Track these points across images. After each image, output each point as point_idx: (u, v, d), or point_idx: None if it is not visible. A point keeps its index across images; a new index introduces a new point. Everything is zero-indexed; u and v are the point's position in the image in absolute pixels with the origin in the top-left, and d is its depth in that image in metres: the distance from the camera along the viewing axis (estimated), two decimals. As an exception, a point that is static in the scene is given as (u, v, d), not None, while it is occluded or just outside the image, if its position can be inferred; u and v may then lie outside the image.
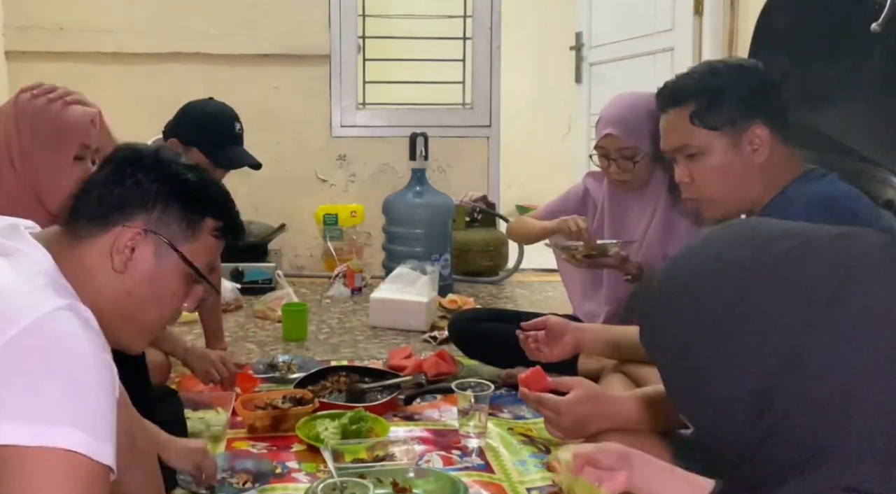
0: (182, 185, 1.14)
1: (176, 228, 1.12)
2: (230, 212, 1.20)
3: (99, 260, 1.09)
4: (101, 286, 1.08)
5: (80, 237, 1.10)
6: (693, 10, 3.86)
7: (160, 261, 1.11)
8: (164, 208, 1.12)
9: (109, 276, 1.09)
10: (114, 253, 1.09)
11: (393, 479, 1.69)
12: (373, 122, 4.38)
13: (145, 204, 1.11)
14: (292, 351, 2.84)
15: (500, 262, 4.26)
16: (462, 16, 4.45)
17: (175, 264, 1.13)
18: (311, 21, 4.21)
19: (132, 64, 4.04)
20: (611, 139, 2.23)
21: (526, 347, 1.95)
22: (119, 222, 1.10)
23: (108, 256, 1.09)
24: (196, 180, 1.16)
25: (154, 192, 1.12)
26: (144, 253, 1.10)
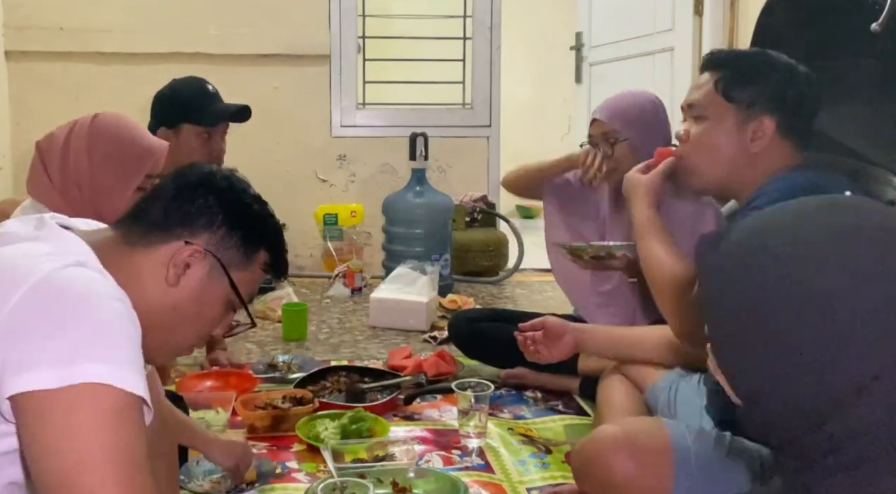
0: (248, 214, 1.16)
1: (233, 254, 1.14)
2: (281, 249, 1.22)
3: (153, 270, 1.09)
4: (149, 295, 1.08)
5: (135, 243, 1.10)
6: (693, 10, 3.86)
7: (210, 283, 1.12)
8: (227, 233, 1.13)
9: (160, 287, 1.09)
10: (170, 266, 1.09)
11: (393, 479, 1.69)
12: (373, 122, 4.38)
13: (211, 225, 1.12)
14: (292, 351, 2.84)
15: (500, 262, 4.26)
16: (462, 16, 4.45)
17: (223, 289, 1.14)
18: (311, 21, 4.21)
19: (132, 64, 4.04)
20: (597, 124, 2.27)
21: (524, 349, 1.94)
22: (182, 237, 1.11)
23: (164, 267, 1.09)
24: (260, 212, 1.18)
25: (221, 216, 1.13)
26: (198, 272, 1.11)
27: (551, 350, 1.90)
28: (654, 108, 2.30)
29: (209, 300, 1.13)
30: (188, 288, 1.11)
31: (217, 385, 2.36)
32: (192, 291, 1.11)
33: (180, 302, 1.11)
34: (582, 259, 2.24)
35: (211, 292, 1.13)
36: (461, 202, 4.20)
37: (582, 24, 4.71)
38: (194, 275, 1.11)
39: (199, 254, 1.11)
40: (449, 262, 3.84)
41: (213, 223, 1.12)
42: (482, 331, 2.48)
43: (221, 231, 1.13)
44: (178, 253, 1.09)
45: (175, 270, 1.09)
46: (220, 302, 1.15)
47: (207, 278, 1.12)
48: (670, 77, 4.02)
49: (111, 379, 0.88)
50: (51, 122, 2.33)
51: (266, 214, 1.20)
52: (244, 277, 1.16)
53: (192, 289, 1.11)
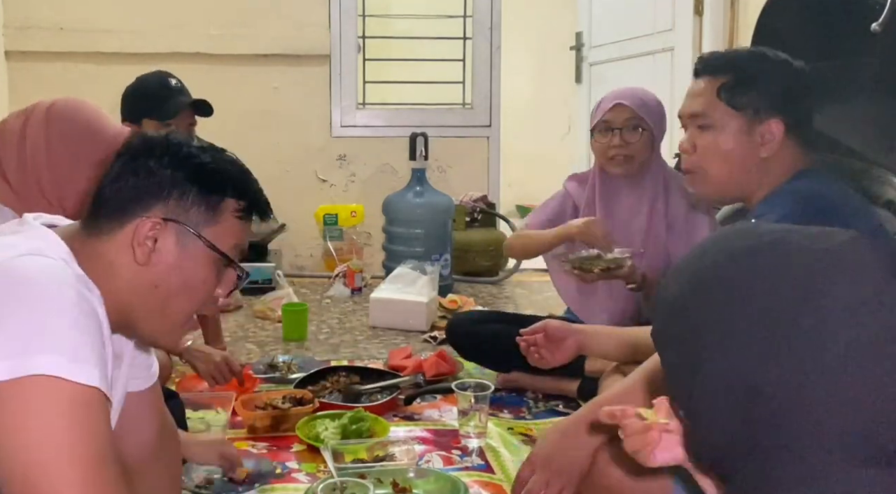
0: (196, 168, 1.09)
1: (196, 213, 1.08)
2: (251, 190, 1.14)
3: (120, 255, 1.05)
4: (126, 280, 1.05)
5: (99, 233, 1.06)
6: (693, 10, 3.85)
7: (184, 249, 1.07)
8: (181, 194, 1.07)
9: (133, 270, 1.05)
10: (135, 246, 1.05)
11: (393, 479, 1.69)
12: (373, 122, 4.38)
13: (161, 192, 1.06)
14: (292, 351, 2.84)
15: (500, 262, 4.26)
16: (462, 16, 4.45)
17: (200, 250, 1.08)
18: (311, 21, 4.21)
19: (132, 64, 4.01)
20: (619, 110, 2.26)
21: (527, 354, 1.91)
22: (137, 214, 1.05)
23: (130, 249, 1.05)
24: (210, 160, 1.10)
25: (169, 179, 1.07)
26: (167, 243, 1.06)
27: (554, 353, 1.86)
28: (663, 107, 2.36)
29: (190, 266, 1.08)
30: (163, 262, 1.06)
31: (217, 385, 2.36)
32: (168, 264, 1.06)
33: (159, 278, 1.06)
34: (591, 272, 2.20)
35: (188, 258, 1.07)
36: (461, 202, 4.20)
37: (582, 24, 4.71)
38: (164, 248, 1.06)
39: (159, 226, 1.05)
40: (449, 262, 3.84)
41: (162, 189, 1.06)
42: (480, 334, 2.48)
43: (174, 193, 1.07)
44: (137, 230, 1.05)
45: (141, 249, 1.05)
46: (204, 264, 1.09)
47: (179, 246, 1.07)
48: (670, 77, 4.02)
49: (64, 371, 0.86)
50: (51, 122, 2.31)
51: (217, 160, 1.12)
52: (218, 231, 1.09)
53: (167, 263, 1.06)
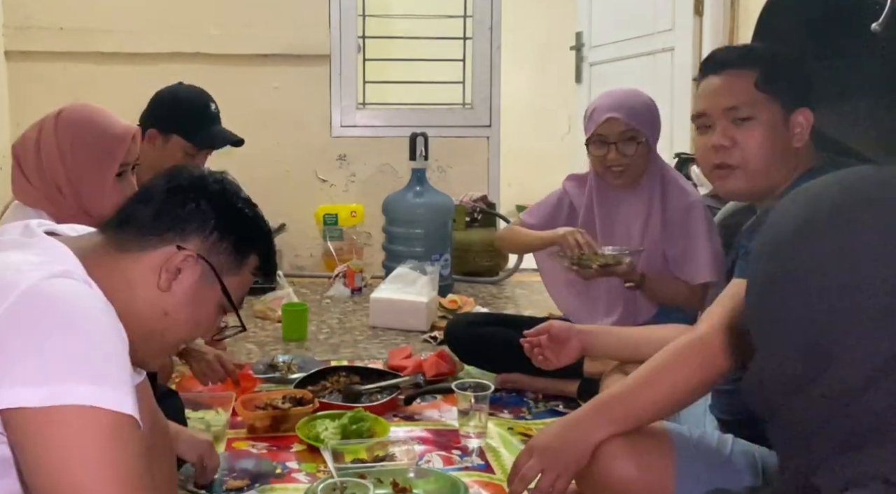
0: (240, 219, 1.15)
1: (224, 259, 1.12)
2: (271, 253, 1.21)
3: (144, 275, 1.08)
4: (140, 300, 1.07)
5: (125, 248, 1.08)
6: (693, 10, 3.85)
7: (202, 288, 1.11)
8: (219, 239, 1.12)
9: (151, 293, 1.08)
10: (162, 271, 1.08)
11: (393, 479, 1.69)
12: (373, 122, 4.38)
13: (203, 230, 1.11)
14: (292, 351, 2.84)
15: (500, 262, 4.26)
16: (462, 16, 4.45)
17: (214, 293, 1.13)
18: (311, 21, 4.21)
19: (132, 64, 4.04)
20: (612, 123, 2.24)
21: (530, 355, 1.91)
22: (174, 241, 1.09)
23: (155, 273, 1.08)
24: (252, 216, 1.17)
25: (214, 221, 1.11)
26: (190, 278, 1.10)
27: (558, 355, 1.85)
28: (654, 105, 2.34)
29: (201, 305, 1.12)
30: (180, 293, 1.09)
31: (217, 385, 2.36)
32: (184, 296, 1.10)
33: (172, 307, 1.09)
34: (590, 268, 2.21)
35: (202, 297, 1.12)
36: (461, 202, 4.20)
37: (582, 24, 4.71)
38: (186, 281, 1.09)
39: (191, 260, 1.09)
40: (449, 262, 3.84)
41: (205, 228, 1.11)
42: (479, 337, 2.48)
43: (213, 236, 1.11)
44: (170, 258, 1.08)
45: (167, 276, 1.08)
46: (213, 307, 1.14)
47: (199, 283, 1.11)
48: (670, 77, 4.02)
49: (102, 401, 0.88)
50: (51, 122, 2.29)
51: (257, 218, 1.18)
52: (235, 282, 1.15)
53: (183, 295, 1.09)
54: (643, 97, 2.33)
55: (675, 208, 2.29)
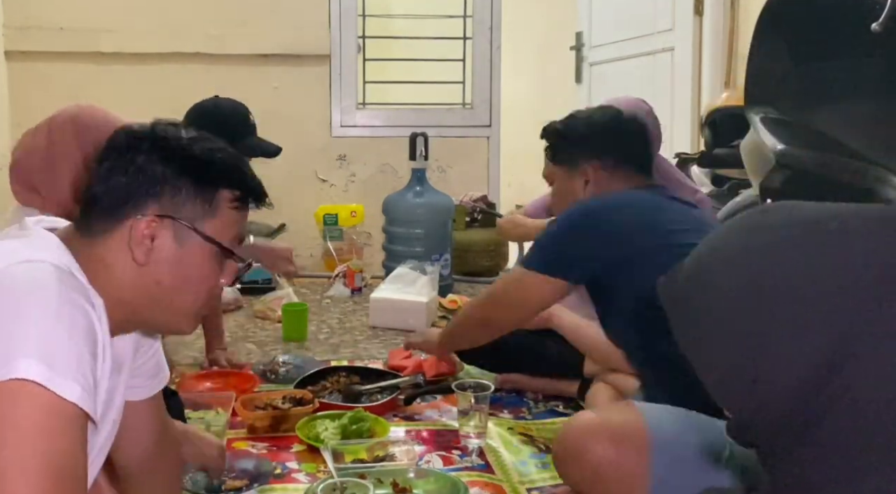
0: (187, 160, 1.06)
1: (191, 208, 1.06)
2: (245, 179, 1.12)
3: (117, 255, 1.04)
4: (126, 280, 1.04)
5: (93, 236, 1.05)
6: (693, 10, 3.85)
7: (182, 245, 1.06)
8: (174, 189, 1.05)
9: (133, 270, 1.04)
10: (133, 247, 1.03)
11: (393, 479, 1.69)
12: (373, 122, 4.38)
13: (153, 188, 1.04)
14: (292, 351, 2.84)
15: (500, 262, 4.26)
16: (462, 16, 4.45)
17: (199, 245, 1.07)
18: (311, 21, 4.21)
19: (132, 64, 4.04)
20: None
21: None
22: (131, 214, 1.04)
23: (128, 250, 1.03)
24: (201, 152, 1.08)
25: (160, 175, 1.04)
26: (165, 241, 1.04)
27: None
28: (647, 118, 2.34)
29: (191, 261, 1.07)
30: (162, 259, 1.05)
31: (217, 385, 2.36)
32: (168, 260, 1.05)
33: (161, 275, 1.05)
34: None
35: (188, 254, 1.06)
36: (461, 202, 4.20)
37: (582, 24, 4.71)
38: (162, 245, 1.04)
39: (155, 224, 1.04)
40: (449, 262, 3.83)
41: (154, 185, 1.04)
42: None
43: (167, 190, 1.04)
44: (133, 231, 1.03)
45: (140, 249, 1.03)
46: (205, 258, 1.08)
47: (177, 242, 1.05)
48: (670, 77, 4.02)
49: (44, 379, 0.84)
50: (51, 122, 2.26)
51: (210, 148, 1.09)
52: (216, 223, 1.08)
53: (167, 259, 1.05)
54: (641, 109, 2.33)
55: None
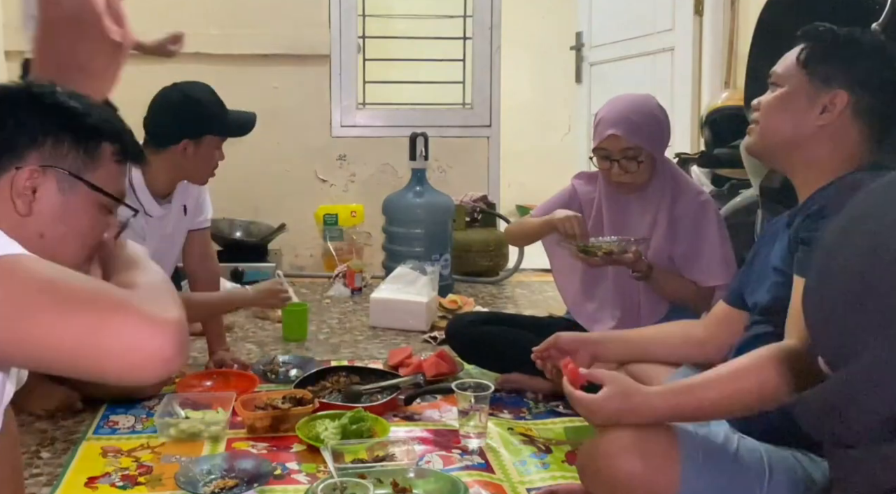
0: (68, 114, 1.09)
1: (74, 158, 1.08)
2: (124, 134, 1.15)
3: (1, 208, 1.04)
4: (10, 232, 1.00)
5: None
6: (693, 10, 3.86)
7: (67, 195, 1.08)
8: (56, 140, 1.07)
9: (16, 221, 1.04)
10: (14, 198, 1.05)
11: (393, 479, 1.69)
12: (373, 122, 4.38)
13: (34, 140, 1.06)
14: (292, 351, 2.84)
15: (500, 262, 4.26)
16: (462, 16, 4.45)
17: (84, 195, 1.09)
18: (311, 21, 4.21)
19: (132, 64, 4.00)
20: (614, 140, 2.22)
21: (543, 370, 1.92)
22: (11, 165, 1.05)
23: (10, 202, 1.05)
24: (81, 106, 1.11)
25: (40, 127, 1.07)
26: (48, 191, 1.06)
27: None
28: (662, 114, 2.30)
29: (74, 211, 1.08)
30: (46, 211, 1.06)
31: (217, 385, 2.36)
32: (51, 212, 1.06)
33: (44, 227, 1.06)
34: (595, 256, 2.22)
35: (72, 203, 1.08)
36: (461, 202, 4.20)
37: (582, 24, 4.72)
38: (45, 196, 1.06)
39: (37, 174, 1.05)
40: (449, 262, 3.84)
41: (35, 137, 1.06)
42: (480, 336, 2.47)
43: (49, 140, 1.07)
44: (14, 182, 1.04)
45: (21, 199, 1.05)
46: (90, 209, 1.10)
47: (60, 192, 1.07)
48: (670, 77, 4.02)
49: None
50: (51, 122, 2.25)
51: (87, 105, 1.12)
52: (100, 175, 1.10)
53: (50, 211, 1.06)
54: (649, 107, 2.28)
55: (685, 210, 2.28)
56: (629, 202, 2.34)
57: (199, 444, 1.97)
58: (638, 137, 2.21)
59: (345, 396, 2.25)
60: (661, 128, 2.28)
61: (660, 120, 2.28)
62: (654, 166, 2.27)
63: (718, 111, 3.07)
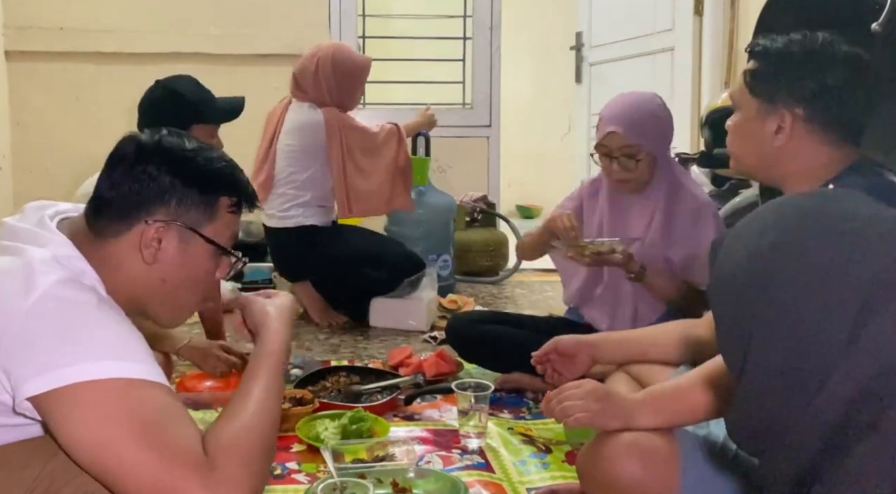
0: (194, 171, 1.18)
1: (195, 213, 1.18)
2: (242, 186, 1.24)
3: (128, 256, 1.15)
4: (135, 277, 1.16)
5: (104, 236, 1.15)
6: (693, 10, 3.86)
7: (187, 247, 1.18)
8: (182, 197, 1.17)
9: (141, 269, 1.16)
10: (142, 249, 1.15)
11: (393, 479, 1.69)
12: (373, 123, 4.37)
13: (162, 196, 1.16)
14: (292, 351, 2.84)
15: (500, 262, 4.26)
16: (462, 16, 4.45)
17: (201, 247, 1.19)
18: (311, 21, 4.21)
19: (132, 64, 4.03)
20: (614, 137, 2.22)
21: (543, 373, 1.92)
22: (141, 218, 1.15)
23: (137, 251, 1.15)
24: (205, 163, 1.20)
25: (168, 183, 1.16)
26: (171, 243, 1.16)
27: (570, 368, 1.87)
28: (665, 113, 2.29)
29: (193, 261, 1.19)
30: (168, 260, 1.17)
31: (217, 385, 2.36)
32: (173, 261, 1.17)
33: (166, 274, 1.17)
34: (583, 256, 2.22)
35: (191, 254, 1.18)
36: (461, 202, 4.20)
37: (582, 24, 4.72)
38: (168, 247, 1.16)
39: (163, 228, 1.15)
40: (449, 262, 3.83)
41: (163, 193, 1.16)
42: (480, 335, 2.47)
43: (175, 197, 1.16)
44: (144, 235, 1.14)
45: (148, 250, 1.15)
46: (206, 258, 1.20)
47: (182, 244, 1.17)
48: (670, 77, 4.02)
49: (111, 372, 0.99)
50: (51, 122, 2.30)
51: (211, 159, 1.21)
52: (217, 227, 1.20)
53: (172, 260, 1.17)
54: (652, 106, 2.27)
55: (684, 212, 2.27)
56: (630, 201, 2.34)
57: (199, 444, 1.97)
58: (637, 135, 2.21)
59: (344, 396, 2.25)
60: (662, 127, 2.28)
61: (661, 119, 2.27)
62: (655, 165, 2.27)
63: (718, 111, 3.07)
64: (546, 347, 1.88)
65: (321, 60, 3.18)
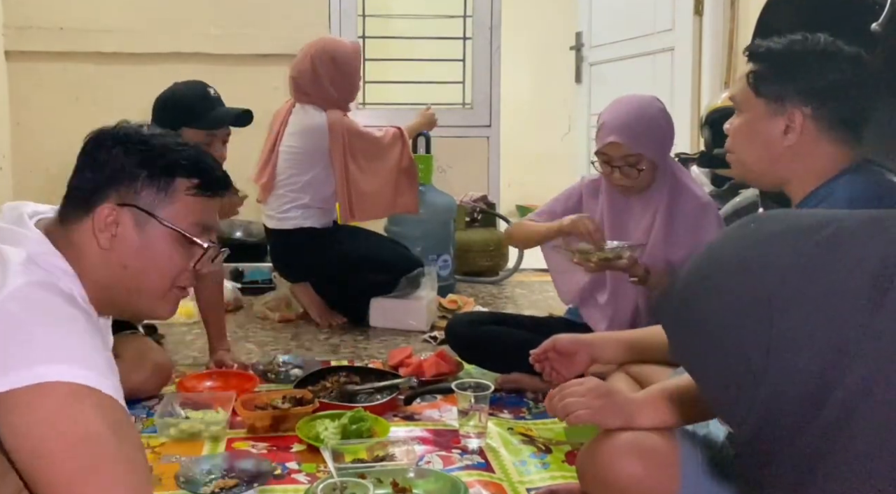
0: (144, 153, 1.18)
1: (147, 195, 1.17)
2: (203, 168, 1.22)
3: (87, 241, 1.15)
4: (96, 264, 1.14)
5: (69, 223, 1.16)
6: (693, 10, 3.86)
7: (142, 230, 1.16)
8: (132, 179, 1.16)
9: (99, 255, 1.15)
10: (97, 233, 1.14)
11: (393, 479, 1.69)
12: (373, 122, 4.37)
13: (115, 179, 1.16)
14: (292, 351, 2.84)
15: (500, 262, 4.26)
16: (462, 16, 4.45)
17: (158, 230, 1.17)
18: (311, 21, 4.21)
19: (132, 64, 4.04)
20: (615, 147, 2.21)
21: (541, 372, 1.92)
22: (97, 203, 1.15)
23: (94, 237, 1.15)
24: (158, 145, 1.19)
25: (120, 167, 1.16)
26: (127, 227, 1.15)
27: (568, 368, 1.87)
28: (665, 119, 2.28)
29: (152, 245, 1.17)
30: (125, 245, 1.15)
31: (217, 385, 2.36)
32: (130, 246, 1.16)
33: (125, 259, 1.16)
34: (590, 261, 2.21)
35: (150, 238, 1.17)
36: (461, 202, 4.20)
37: (582, 24, 4.72)
38: (125, 232, 1.15)
39: (115, 211, 1.15)
40: (449, 262, 3.83)
41: (115, 177, 1.16)
42: (480, 336, 2.47)
43: (127, 180, 1.16)
44: (96, 218, 1.14)
45: (103, 234, 1.14)
46: (166, 242, 1.18)
47: (137, 227, 1.16)
48: (670, 77, 4.03)
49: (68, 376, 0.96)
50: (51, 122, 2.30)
51: (166, 143, 1.20)
52: (176, 209, 1.18)
53: (129, 245, 1.16)
54: (651, 112, 2.25)
55: (685, 214, 2.27)
56: (630, 203, 2.34)
57: (199, 444, 1.98)
58: (639, 146, 2.19)
59: (339, 395, 2.24)
60: (663, 134, 2.26)
61: (662, 126, 2.26)
62: (656, 169, 2.26)
63: (718, 111, 3.07)
64: (544, 346, 1.88)
65: (315, 57, 3.18)
